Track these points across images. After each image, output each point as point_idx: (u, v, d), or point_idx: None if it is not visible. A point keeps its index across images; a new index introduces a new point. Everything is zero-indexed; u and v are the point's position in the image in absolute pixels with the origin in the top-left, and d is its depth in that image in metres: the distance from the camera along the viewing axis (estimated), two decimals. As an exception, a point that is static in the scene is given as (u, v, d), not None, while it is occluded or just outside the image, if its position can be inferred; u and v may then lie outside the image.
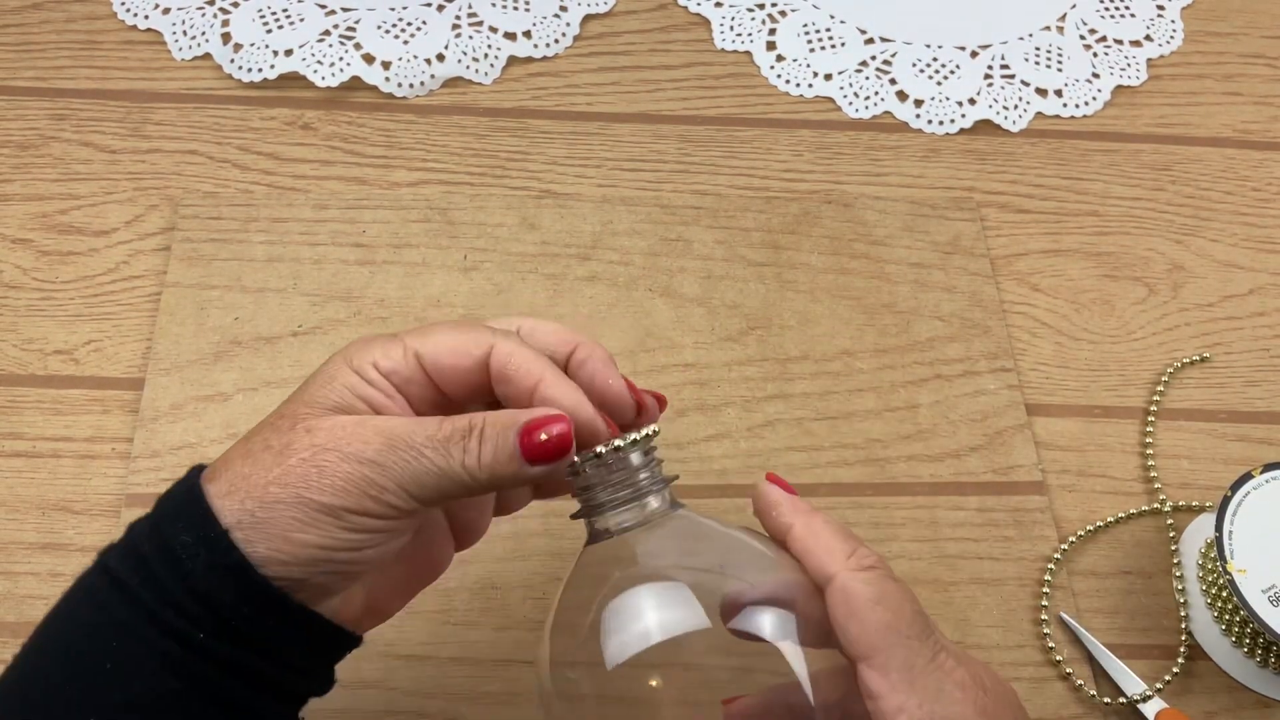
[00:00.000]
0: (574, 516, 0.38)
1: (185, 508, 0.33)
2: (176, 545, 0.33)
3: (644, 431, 0.37)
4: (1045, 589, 0.53)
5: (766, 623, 0.35)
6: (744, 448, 0.55)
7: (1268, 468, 0.52)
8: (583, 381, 0.38)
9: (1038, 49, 0.71)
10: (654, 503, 0.37)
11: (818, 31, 0.70)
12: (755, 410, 0.56)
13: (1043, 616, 0.52)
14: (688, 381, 0.57)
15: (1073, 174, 0.66)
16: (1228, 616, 0.51)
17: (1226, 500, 0.51)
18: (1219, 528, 0.50)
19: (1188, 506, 0.56)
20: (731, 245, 0.61)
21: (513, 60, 0.67)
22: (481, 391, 0.37)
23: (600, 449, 0.36)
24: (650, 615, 0.34)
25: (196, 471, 0.35)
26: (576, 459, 0.36)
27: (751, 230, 0.62)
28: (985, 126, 0.68)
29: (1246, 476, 0.52)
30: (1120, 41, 0.72)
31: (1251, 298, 0.63)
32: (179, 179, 0.61)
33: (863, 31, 0.71)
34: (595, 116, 0.66)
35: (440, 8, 0.68)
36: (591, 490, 0.37)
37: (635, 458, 0.37)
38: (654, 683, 0.34)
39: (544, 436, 0.34)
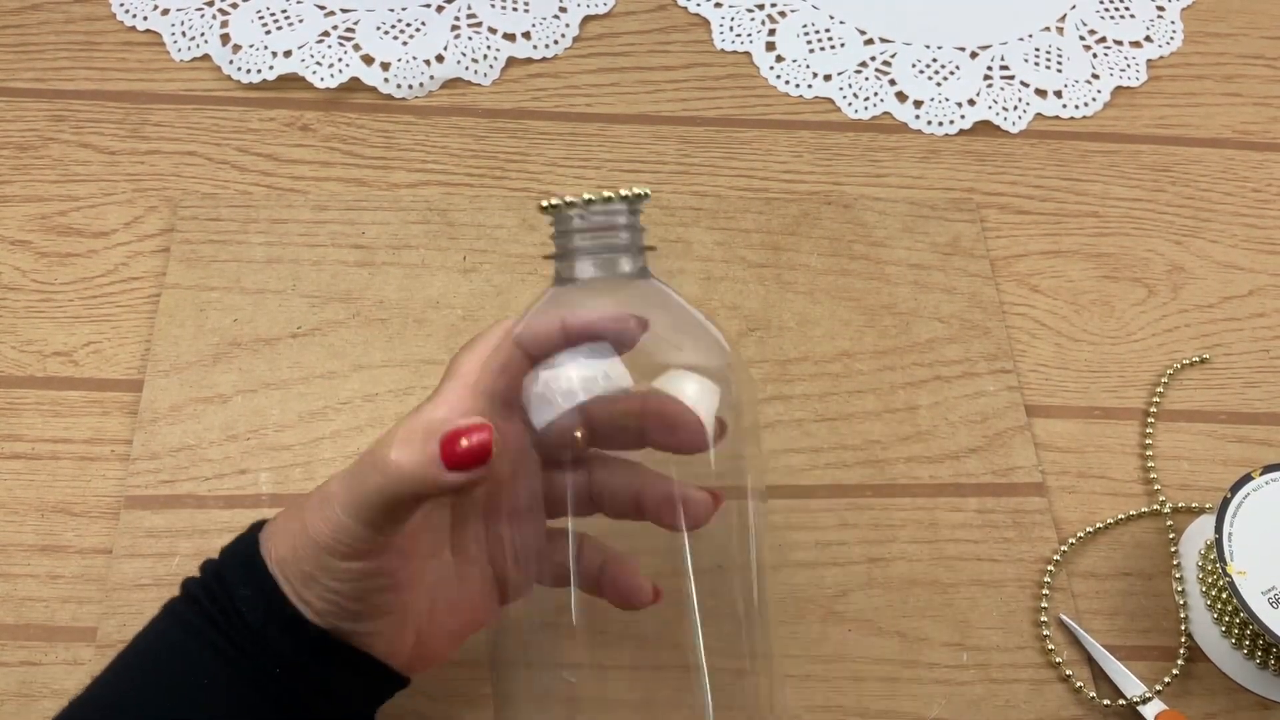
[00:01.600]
0: (546, 257, 0.38)
1: (242, 560, 0.38)
2: (238, 599, 0.37)
3: (635, 190, 0.37)
4: (1045, 590, 0.53)
5: (689, 390, 0.36)
6: (743, 449, 0.55)
7: (1267, 469, 0.52)
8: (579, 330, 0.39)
9: (1037, 50, 0.71)
10: (625, 264, 0.37)
11: (817, 32, 0.70)
12: (755, 412, 0.56)
13: (1042, 618, 0.52)
14: (687, 383, 0.57)
15: (1072, 175, 0.66)
16: (1227, 618, 0.51)
17: (1226, 502, 0.51)
18: (1219, 529, 0.50)
19: (1187, 508, 0.56)
20: (731, 246, 0.61)
21: (512, 61, 0.67)
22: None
23: (586, 196, 0.36)
24: (579, 370, 0.36)
25: (258, 526, 0.40)
26: (558, 200, 0.36)
27: (751, 231, 0.62)
28: (985, 127, 0.68)
29: (1246, 478, 0.52)
30: (1120, 42, 0.72)
31: (1251, 299, 0.63)
32: (178, 180, 0.61)
33: (862, 32, 0.70)
34: (595, 118, 0.66)
35: (439, 9, 0.68)
36: (568, 236, 0.37)
37: (619, 215, 0.37)
38: (578, 434, 0.37)
39: (465, 443, 0.34)
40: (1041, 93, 0.69)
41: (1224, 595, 0.51)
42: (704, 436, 0.36)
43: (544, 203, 0.37)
